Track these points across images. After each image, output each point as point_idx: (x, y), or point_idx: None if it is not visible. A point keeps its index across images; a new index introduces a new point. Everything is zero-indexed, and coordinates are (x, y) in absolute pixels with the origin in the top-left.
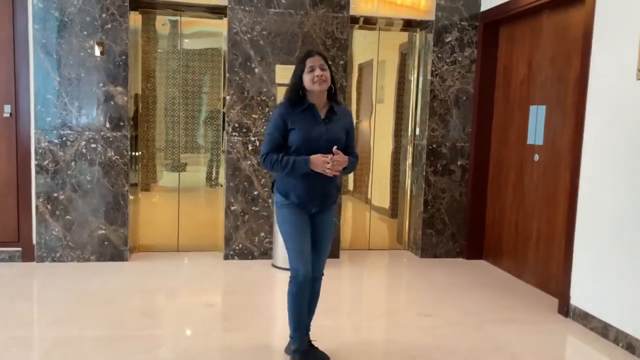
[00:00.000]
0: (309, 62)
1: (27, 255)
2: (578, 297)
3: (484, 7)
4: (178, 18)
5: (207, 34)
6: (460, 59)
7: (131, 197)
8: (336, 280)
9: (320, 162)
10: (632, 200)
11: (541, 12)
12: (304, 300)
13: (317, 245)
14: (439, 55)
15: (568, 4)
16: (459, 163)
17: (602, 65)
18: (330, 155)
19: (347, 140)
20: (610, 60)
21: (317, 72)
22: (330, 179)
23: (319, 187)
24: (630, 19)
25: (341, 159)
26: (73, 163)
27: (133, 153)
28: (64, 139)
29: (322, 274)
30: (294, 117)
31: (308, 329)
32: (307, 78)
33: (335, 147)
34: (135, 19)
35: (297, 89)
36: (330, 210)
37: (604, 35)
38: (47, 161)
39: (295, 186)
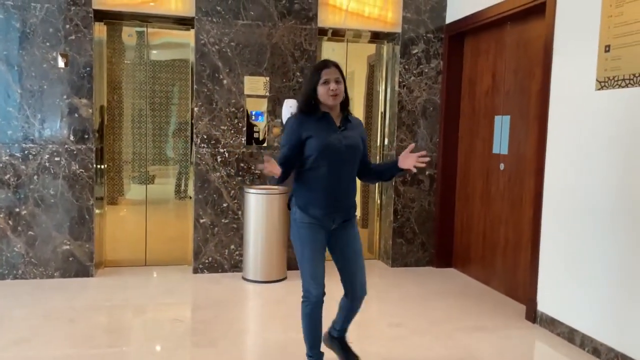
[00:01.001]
0: (324, 74)
1: None
2: (545, 303)
3: (449, 19)
4: (144, 29)
5: (175, 44)
6: (426, 70)
7: (97, 211)
8: None
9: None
10: (595, 206)
11: (504, 25)
12: (318, 319)
13: (349, 262)
14: (406, 66)
15: (529, 17)
16: (427, 173)
17: (563, 76)
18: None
19: (364, 149)
20: (570, 71)
21: (332, 85)
22: (350, 189)
23: (340, 198)
24: (589, 30)
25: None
26: (36, 177)
27: (98, 166)
28: (26, 152)
29: (365, 292)
30: (309, 126)
31: (344, 331)
32: (321, 90)
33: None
34: (100, 30)
35: (310, 99)
36: (351, 223)
37: (564, 47)
38: (8, 175)
39: (316, 199)
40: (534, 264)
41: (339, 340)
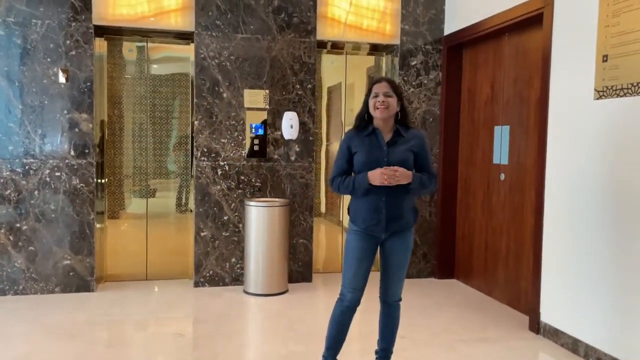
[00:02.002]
0: (374, 89)
1: None
2: (548, 314)
3: (447, 31)
4: (145, 44)
5: (175, 59)
6: (425, 81)
7: (98, 226)
8: (309, 304)
9: (378, 174)
10: (597, 215)
11: (502, 36)
12: (344, 323)
13: (387, 271)
14: (405, 78)
15: (527, 28)
16: None
17: (561, 85)
18: (386, 168)
19: (418, 161)
20: (569, 81)
21: (380, 98)
22: (398, 202)
23: (384, 210)
24: (587, 40)
25: (400, 170)
26: (36, 192)
27: (99, 180)
28: (26, 167)
29: (397, 300)
30: (358, 141)
31: (388, 355)
32: (371, 104)
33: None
34: (100, 45)
35: (363, 114)
36: (400, 236)
37: (562, 57)
38: (9, 191)
39: (361, 209)
40: (536, 274)
41: None
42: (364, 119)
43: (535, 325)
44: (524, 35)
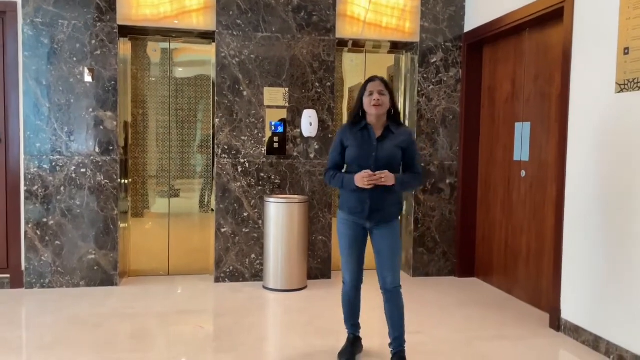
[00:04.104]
0: (369, 87)
1: (16, 282)
2: (569, 311)
3: (467, 28)
4: (168, 46)
5: (197, 62)
6: (445, 79)
7: (122, 225)
8: (328, 300)
9: (360, 178)
10: (619, 211)
11: (522, 32)
12: (352, 300)
13: (379, 257)
14: (425, 75)
15: (547, 23)
16: (447, 181)
17: (582, 80)
18: (368, 172)
19: (406, 157)
20: (590, 75)
21: (375, 96)
22: (381, 196)
23: (368, 202)
24: (608, 34)
25: (385, 174)
26: (62, 188)
27: (123, 180)
28: (53, 164)
29: (396, 286)
30: (350, 136)
31: (401, 344)
32: (366, 101)
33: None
34: (124, 48)
35: (357, 110)
36: (387, 225)
37: (583, 51)
38: (36, 187)
39: (348, 200)
40: (557, 271)
41: (393, 356)
42: (359, 114)
43: (556, 323)
44: (545, 31)
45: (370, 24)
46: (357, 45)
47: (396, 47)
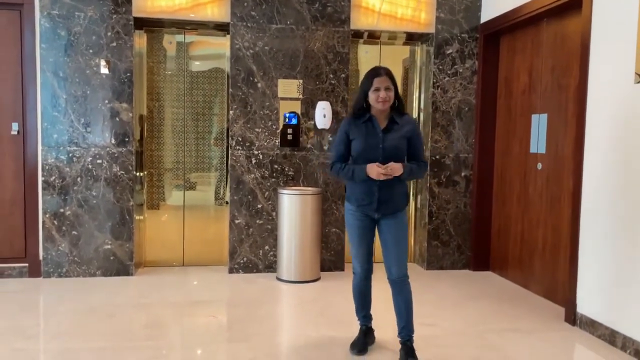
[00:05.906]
0: (375, 82)
1: (34, 271)
2: (584, 305)
3: (484, 18)
4: (183, 39)
5: (212, 56)
6: (461, 70)
7: (137, 217)
8: (341, 292)
9: (375, 169)
10: (636, 204)
11: (540, 22)
12: (362, 290)
13: (386, 248)
14: (440, 67)
15: (566, 13)
16: (462, 174)
17: (600, 70)
18: (377, 164)
19: (411, 148)
20: (608, 66)
21: (382, 93)
22: (389, 187)
23: (376, 193)
24: (627, 22)
25: (394, 166)
26: (79, 179)
27: (138, 173)
28: (70, 155)
29: (403, 277)
30: (355, 128)
31: (408, 334)
32: (372, 96)
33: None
34: (140, 41)
35: (360, 103)
36: (394, 217)
37: (601, 41)
38: (53, 177)
39: (355, 191)
40: (573, 265)
41: (402, 346)
42: (363, 107)
43: (572, 317)
44: (563, 21)
45: (385, 15)
46: (372, 37)
47: (411, 38)
